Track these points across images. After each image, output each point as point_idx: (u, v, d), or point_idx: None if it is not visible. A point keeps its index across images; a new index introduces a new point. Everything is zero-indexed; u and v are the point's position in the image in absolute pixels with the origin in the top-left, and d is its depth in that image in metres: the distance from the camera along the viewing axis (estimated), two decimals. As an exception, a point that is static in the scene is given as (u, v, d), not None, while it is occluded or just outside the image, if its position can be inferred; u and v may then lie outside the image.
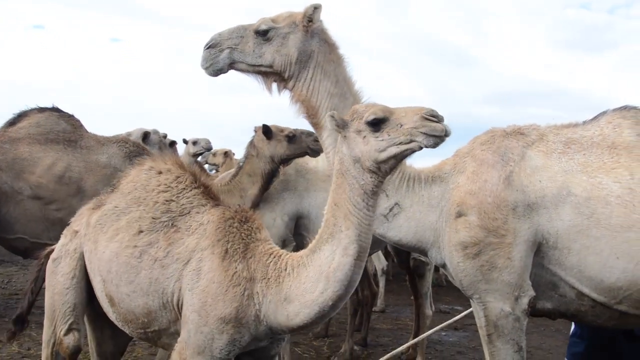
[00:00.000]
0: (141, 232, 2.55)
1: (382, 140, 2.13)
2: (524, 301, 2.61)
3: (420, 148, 2.13)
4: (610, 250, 2.49)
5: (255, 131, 4.77)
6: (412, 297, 8.18)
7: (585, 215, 2.53)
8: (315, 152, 4.68)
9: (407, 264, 5.47)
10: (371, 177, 2.17)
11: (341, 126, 2.23)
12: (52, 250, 3.02)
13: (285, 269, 2.33)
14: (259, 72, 2.89)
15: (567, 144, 2.75)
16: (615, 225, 2.49)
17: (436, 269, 9.64)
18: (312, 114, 2.85)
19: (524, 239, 2.59)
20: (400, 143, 2.12)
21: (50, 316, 2.83)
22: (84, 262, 2.80)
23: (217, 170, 8.42)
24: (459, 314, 7.50)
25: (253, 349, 2.50)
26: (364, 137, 2.16)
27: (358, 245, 2.19)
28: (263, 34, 2.81)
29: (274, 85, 2.93)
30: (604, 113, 2.89)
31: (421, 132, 2.08)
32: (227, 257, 2.39)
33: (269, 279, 2.35)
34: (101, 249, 2.64)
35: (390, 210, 2.83)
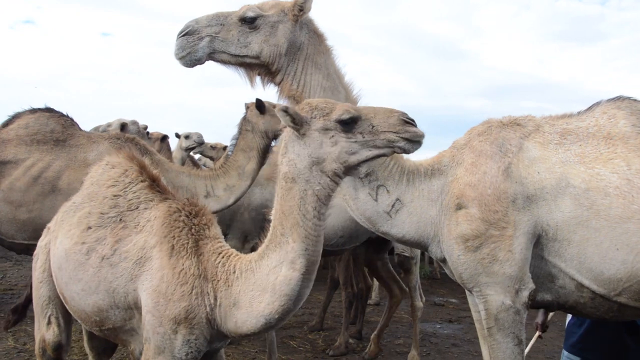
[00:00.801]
0: (89, 228, 2.46)
1: (355, 142, 1.98)
2: (524, 294, 2.56)
3: (392, 152, 2.03)
4: (610, 241, 2.44)
5: (247, 107, 4.67)
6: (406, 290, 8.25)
7: (585, 206, 2.47)
8: None
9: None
10: (330, 182, 2.00)
11: (299, 123, 1.99)
12: None
13: (234, 272, 2.19)
14: (242, 64, 2.64)
15: (563, 135, 2.69)
16: (614, 217, 2.43)
17: (430, 261, 9.71)
18: None
19: (524, 231, 2.53)
20: (376, 147, 1.99)
21: (35, 312, 2.83)
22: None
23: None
24: (454, 306, 7.55)
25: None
26: (332, 136, 1.98)
27: (306, 259, 2.03)
28: (250, 22, 2.58)
29: (258, 79, 2.71)
30: (598, 103, 2.84)
31: (403, 138, 1.98)
32: (174, 254, 2.23)
33: (218, 280, 2.20)
34: (58, 245, 2.60)
35: (392, 206, 2.72)
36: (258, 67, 2.64)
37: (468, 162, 2.67)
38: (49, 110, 4.93)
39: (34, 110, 4.87)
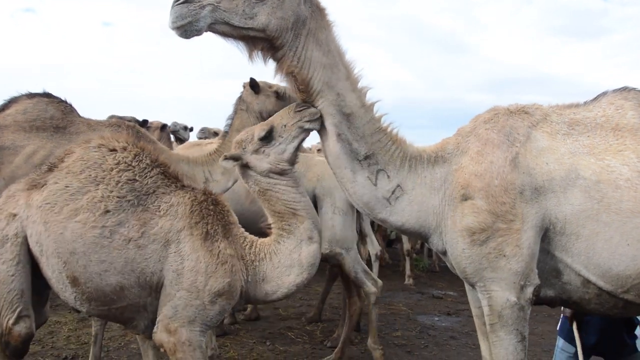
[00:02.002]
0: (108, 211, 2.49)
1: (280, 144, 2.51)
2: (529, 290, 2.42)
3: (309, 133, 2.52)
4: (620, 236, 2.30)
5: (244, 87, 4.55)
6: (405, 282, 8.18)
7: (596, 199, 2.33)
8: None
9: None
10: (285, 177, 2.54)
11: (237, 158, 2.53)
12: None
13: (259, 254, 2.62)
14: (245, 37, 2.41)
15: (571, 125, 2.55)
16: (625, 210, 2.30)
17: (429, 254, 9.62)
18: (302, 89, 2.47)
19: (532, 225, 2.39)
20: (295, 137, 2.51)
21: None
22: (28, 247, 2.63)
23: None
24: (453, 299, 7.45)
25: None
26: (263, 151, 2.51)
27: (317, 229, 2.59)
28: None
29: (259, 54, 2.48)
30: (604, 94, 2.71)
31: (307, 121, 2.47)
32: (209, 238, 2.53)
33: (246, 260, 2.61)
34: (57, 229, 2.50)
35: (393, 192, 2.54)
36: (262, 42, 2.42)
37: (474, 150, 2.52)
38: (47, 95, 4.76)
39: (31, 95, 4.70)
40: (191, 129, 8.87)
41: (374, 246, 7.36)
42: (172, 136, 8.40)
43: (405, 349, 5.27)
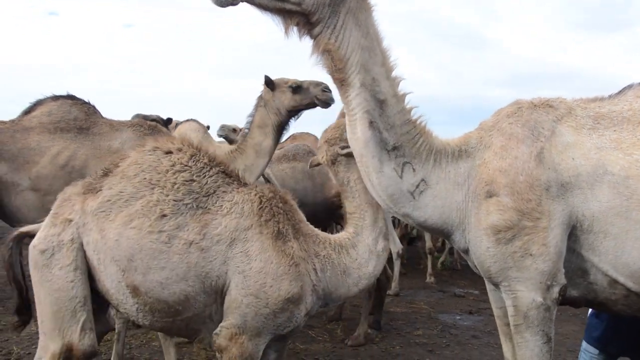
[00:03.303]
0: (164, 216, 2.35)
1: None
2: (555, 290, 2.30)
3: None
4: None
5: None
6: (426, 281, 8.04)
7: (625, 196, 2.20)
8: (324, 103, 4.46)
9: None
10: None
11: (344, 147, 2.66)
12: (23, 234, 2.65)
13: (336, 249, 2.56)
14: (281, 10, 2.30)
15: (596, 119, 2.42)
16: None
17: (451, 252, 9.44)
18: (338, 68, 2.34)
19: (559, 222, 2.26)
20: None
21: (52, 317, 2.40)
22: (84, 253, 2.48)
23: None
24: (474, 298, 7.28)
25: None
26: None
27: (385, 225, 2.67)
28: None
29: (295, 29, 2.36)
30: (630, 87, 2.57)
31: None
32: (280, 237, 2.39)
33: (323, 256, 2.52)
34: (112, 236, 2.37)
35: (417, 187, 2.42)
36: (297, 16, 2.30)
37: (497, 145, 2.40)
38: (71, 97, 4.82)
39: (56, 98, 4.76)
40: (208, 128, 8.84)
41: (395, 244, 7.26)
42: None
43: (426, 348, 5.15)
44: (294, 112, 4.51)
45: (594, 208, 2.24)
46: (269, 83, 4.45)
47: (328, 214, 5.71)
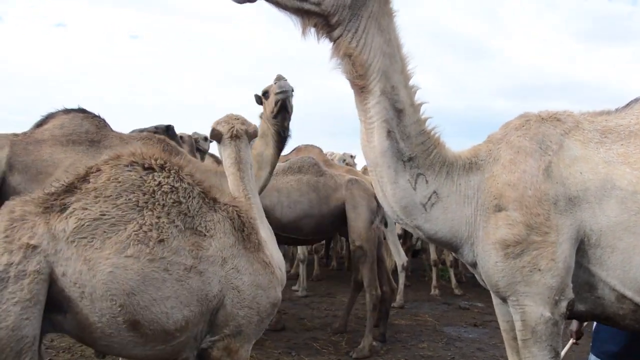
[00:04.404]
0: (162, 241, 2.19)
1: None
2: (563, 305, 2.25)
3: None
4: None
5: None
6: (430, 293, 7.95)
7: (633, 211, 2.15)
8: (280, 94, 4.33)
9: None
10: None
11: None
12: None
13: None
14: (300, 10, 2.20)
15: (603, 133, 2.38)
16: None
17: (456, 264, 9.35)
18: (359, 74, 2.24)
19: (568, 237, 2.22)
20: None
21: None
22: (49, 286, 2.11)
23: None
24: (479, 310, 7.19)
25: None
26: None
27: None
28: None
29: (313, 30, 2.27)
30: (636, 100, 2.52)
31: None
32: (260, 248, 2.49)
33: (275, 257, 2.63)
34: (104, 268, 2.10)
35: (429, 199, 2.35)
36: (316, 17, 2.21)
37: (506, 158, 2.35)
38: (82, 110, 4.84)
39: (67, 111, 4.78)
40: (211, 140, 8.83)
41: (400, 257, 7.21)
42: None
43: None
44: (278, 118, 4.43)
45: (602, 223, 2.19)
46: (258, 99, 4.60)
47: (333, 226, 5.68)
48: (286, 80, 4.41)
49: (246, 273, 2.36)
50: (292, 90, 4.45)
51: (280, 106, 4.37)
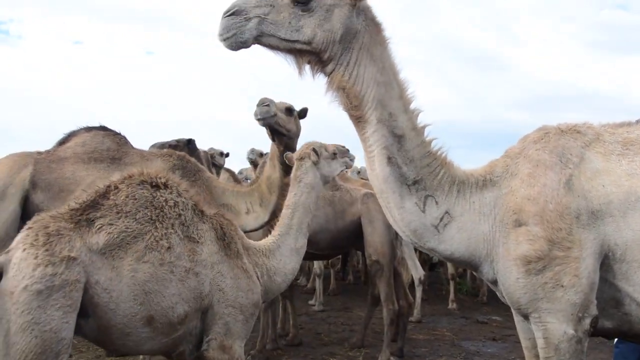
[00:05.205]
0: (169, 248, 2.57)
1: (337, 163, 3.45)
2: (587, 321, 2.16)
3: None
4: None
5: None
6: (448, 307, 7.80)
7: None
8: (261, 120, 4.29)
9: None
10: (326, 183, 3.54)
11: (317, 154, 3.30)
12: None
13: (266, 254, 3.00)
14: (292, 50, 2.28)
15: (625, 145, 2.31)
16: None
17: (472, 277, 9.18)
18: (354, 105, 2.28)
19: (591, 252, 2.14)
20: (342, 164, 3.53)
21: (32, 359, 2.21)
22: (84, 294, 2.35)
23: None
24: (498, 324, 7.02)
25: None
26: (330, 161, 3.39)
27: (307, 225, 3.18)
28: (304, 4, 2.20)
29: (307, 67, 2.34)
30: None
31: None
32: (239, 256, 2.81)
33: (260, 264, 2.95)
34: (128, 273, 2.44)
35: (441, 220, 2.32)
36: (308, 55, 2.28)
37: (525, 172, 2.29)
38: (103, 128, 4.88)
39: (89, 129, 4.83)
40: (227, 155, 8.78)
41: (417, 270, 7.08)
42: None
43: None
44: (275, 141, 4.44)
45: (627, 236, 2.11)
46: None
47: (349, 241, 5.61)
48: (266, 104, 4.25)
49: (228, 277, 2.70)
50: (274, 115, 4.27)
51: (270, 131, 4.36)
